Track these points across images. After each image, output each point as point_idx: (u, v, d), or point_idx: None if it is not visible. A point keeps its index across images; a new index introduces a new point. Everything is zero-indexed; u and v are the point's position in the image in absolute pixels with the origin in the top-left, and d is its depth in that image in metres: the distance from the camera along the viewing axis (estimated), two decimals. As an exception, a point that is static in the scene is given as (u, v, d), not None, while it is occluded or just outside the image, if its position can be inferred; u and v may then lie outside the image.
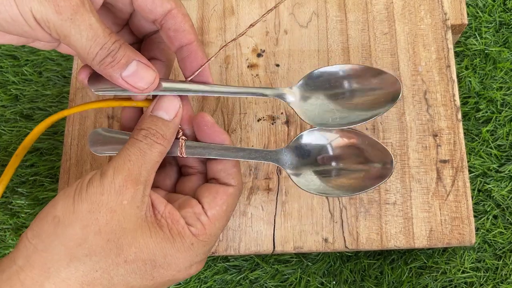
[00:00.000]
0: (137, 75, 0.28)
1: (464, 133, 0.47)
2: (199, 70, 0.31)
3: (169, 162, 0.34)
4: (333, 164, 0.32)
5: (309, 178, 0.32)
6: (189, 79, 0.31)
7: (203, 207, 0.29)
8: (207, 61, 0.32)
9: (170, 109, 0.30)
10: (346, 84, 0.33)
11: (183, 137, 0.31)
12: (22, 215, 0.49)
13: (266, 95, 0.33)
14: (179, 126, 0.31)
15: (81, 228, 0.26)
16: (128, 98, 0.32)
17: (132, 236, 0.26)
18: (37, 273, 0.25)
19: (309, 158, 0.32)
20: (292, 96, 0.33)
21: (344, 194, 0.31)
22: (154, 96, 0.31)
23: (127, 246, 0.26)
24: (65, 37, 0.26)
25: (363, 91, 0.33)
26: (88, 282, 0.26)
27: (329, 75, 0.33)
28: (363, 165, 0.32)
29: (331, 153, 0.33)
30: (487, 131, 0.47)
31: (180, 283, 0.45)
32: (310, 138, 0.33)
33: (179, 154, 0.31)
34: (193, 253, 0.28)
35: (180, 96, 0.31)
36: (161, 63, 0.33)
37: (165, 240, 0.27)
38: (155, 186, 0.32)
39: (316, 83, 0.33)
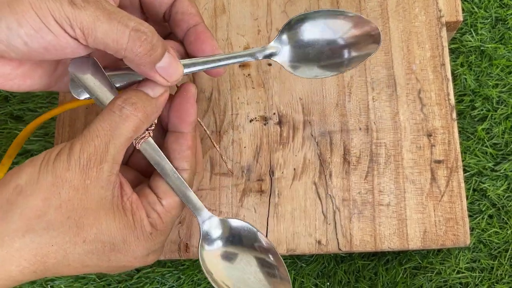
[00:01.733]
0: (171, 68, 0.27)
1: (459, 131, 0.46)
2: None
3: None
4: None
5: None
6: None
7: (157, 196, 0.29)
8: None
9: (156, 88, 0.28)
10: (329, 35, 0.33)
11: (150, 132, 0.29)
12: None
13: (255, 58, 0.32)
14: (154, 122, 0.29)
15: (42, 200, 0.25)
16: None
17: (94, 217, 0.26)
18: None
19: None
20: (281, 55, 0.33)
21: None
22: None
23: (88, 226, 0.26)
24: (89, 29, 0.24)
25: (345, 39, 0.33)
26: (41, 254, 0.25)
27: (309, 25, 0.33)
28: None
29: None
30: (483, 129, 0.47)
31: (173, 285, 0.45)
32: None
33: (134, 143, 0.29)
34: (151, 242, 0.28)
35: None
36: None
37: (127, 227, 0.27)
38: None
39: (297, 34, 0.33)
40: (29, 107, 0.52)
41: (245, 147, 0.41)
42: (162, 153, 0.29)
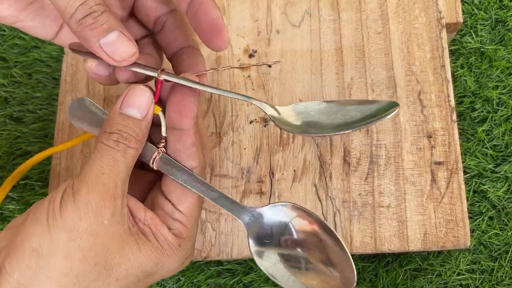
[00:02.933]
0: (116, 45, 0.25)
1: (460, 133, 0.46)
2: (209, 71, 0.29)
3: None
4: (298, 250, 0.28)
5: (273, 260, 0.28)
6: (198, 74, 0.28)
7: (172, 204, 0.28)
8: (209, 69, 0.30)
9: (142, 105, 0.27)
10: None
11: (162, 148, 0.28)
12: (13, 219, 0.48)
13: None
14: (164, 136, 0.28)
15: (64, 257, 0.24)
16: None
17: (120, 254, 0.25)
18: None
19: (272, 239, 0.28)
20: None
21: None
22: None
23: (116, 265, 0.25)
24: None
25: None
26: None
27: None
28: (324, 266, 0.28)
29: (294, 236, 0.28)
30: (483, 131, 0.47)
31: (173, 287, 0.45)
32: (270, 214, 0.28)
33: (150, 164, 0.28)
34: (182, 252, 0.28)
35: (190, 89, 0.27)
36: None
37: (154, 250, 0.26)
38: None
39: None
40: (28, 108, 0.52)
41: (245, 148, 0.41)
42: (179, 164, 0.28)
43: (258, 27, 0.44)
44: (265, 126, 0.41)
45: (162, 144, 0.28)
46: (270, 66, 0.42)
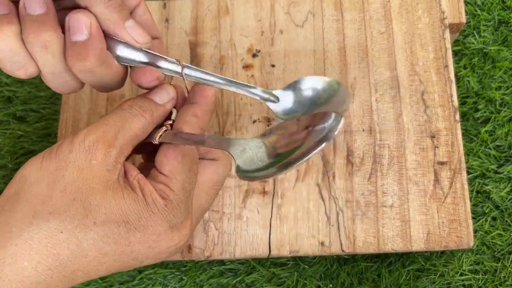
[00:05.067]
0: (138, 29, 0.27)
1: (463, 133, 0.46)
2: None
3: None
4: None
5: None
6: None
7: (156, 168, 0.28)
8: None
9: (163, 96, 0.29)
10: None
11: (169, 123, 0.29)
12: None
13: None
14: (172, 120, 0.30)
15: (47, 184, 0.25)
16: None
17: (102, 196, 0.25)
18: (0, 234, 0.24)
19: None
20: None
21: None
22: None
23: (96, 206, 0.25)
24: None
25: None
26: (52, 244, 0.24)
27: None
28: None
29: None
30: (486, 131, 0.47)
31: (175, 286, 0.45)
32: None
33: (152, 140, 0.29)
34: (169, 214, 0.26)
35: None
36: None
37: (138, 201, 0.26)
38: None
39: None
40: (32, 107, 0.52)
41: (248, 148, 0.41)
42: (183, 133, 0.29)
43: (261, 27, 0.44)
44: (268, 125, 0.41)
45: (170, 122, 0.30)
46: (273, 66, 0.43)
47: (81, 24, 0.26)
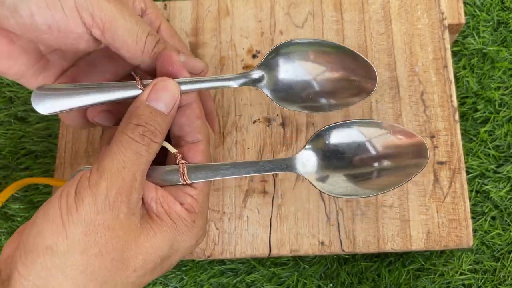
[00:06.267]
0: (192, 60, 0.28)
1: (462, 133, 0.46)
2: None
3: None
4: (375, 164, 0.28)
5: (335, 181, 0.28)
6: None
7: None
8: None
9: (169, 100, 0.26)
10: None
11: (182, 161, 0.28)
12: (18, 219, 0.48)
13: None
14: (177, 152, 0.28)
15: (80, 254, 0.23)
16: None
17: (136, 245, 0.25)
18: None
19: (339, 160, 0.28)
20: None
21: (374, 193, 0.28)
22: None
23: (133, 257, 0.25)
24: (111, 23, 0.23)
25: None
26: None
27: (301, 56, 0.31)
28: (399, 160, 0.28)
29: (372, 152, 0.28)
30: (485, 131, 0.47)
31: (176, 286, 0.45)
32: (338, 135, 0.28)
33: (182, 182, 0.28)
34: (196, 228, 0.27)
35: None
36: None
37: (169, 231, 0.26)
38: None
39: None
40: (33, 108, 0.52)
41: (248, 148, 0.41)
42: (210, 164, 0.28)
43: (261, 28, 0.44)
44: (268, 126, 0.41)
45: (180, 157, 0.28)
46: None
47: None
